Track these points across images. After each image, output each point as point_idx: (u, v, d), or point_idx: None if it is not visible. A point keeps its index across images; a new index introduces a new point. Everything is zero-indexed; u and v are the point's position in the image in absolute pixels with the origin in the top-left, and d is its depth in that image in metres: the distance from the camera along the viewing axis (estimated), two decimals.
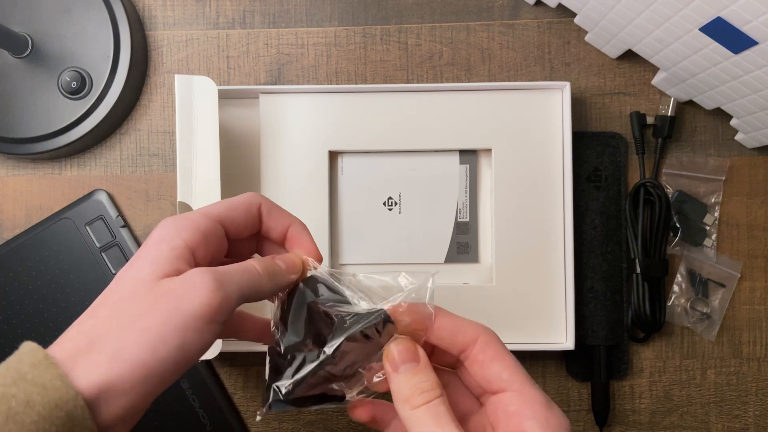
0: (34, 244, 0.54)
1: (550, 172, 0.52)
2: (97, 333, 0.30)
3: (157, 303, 0.30)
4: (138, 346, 0.30)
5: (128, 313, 0.31)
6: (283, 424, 0.55)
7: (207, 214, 0.34)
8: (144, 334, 0.30)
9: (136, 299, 0.31)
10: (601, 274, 0.54)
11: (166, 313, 0.30)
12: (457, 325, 0.34)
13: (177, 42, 0.57)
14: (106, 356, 0.30)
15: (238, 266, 0.33)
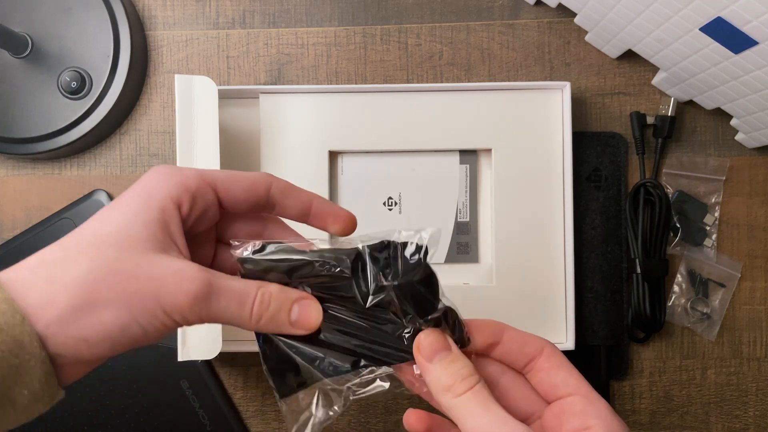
0: (34, 244, 0.54)
1: (550, 172, 0.52)
2: (63, 265, 0.29)
3: (142, 284, 0.29)
4: (97, 308, 0.28)
5: (106, 263, 0.29)
6: (283, 424, 0.55)
7: (204, 174, 0.33)
8: (113, 294, 0.29)
9: (121, 257, 0.29)
10: (601, 274, 0.54)
11: (141, 291, 0.29)
12: (524, 337, 0.34)
13: (177, 42, 0.57)
14: (62, 296, 0.28)
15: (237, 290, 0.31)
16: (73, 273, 0.28)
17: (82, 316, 0.28)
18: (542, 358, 0.34)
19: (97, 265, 0.29)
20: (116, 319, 0.29)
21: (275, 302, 0.32)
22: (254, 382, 0.55)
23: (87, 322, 0.28)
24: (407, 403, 0.55)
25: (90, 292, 0.28)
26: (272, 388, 0.34)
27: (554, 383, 0.33)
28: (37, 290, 0.28)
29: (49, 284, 0.28)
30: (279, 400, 0.34)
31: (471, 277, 0.54)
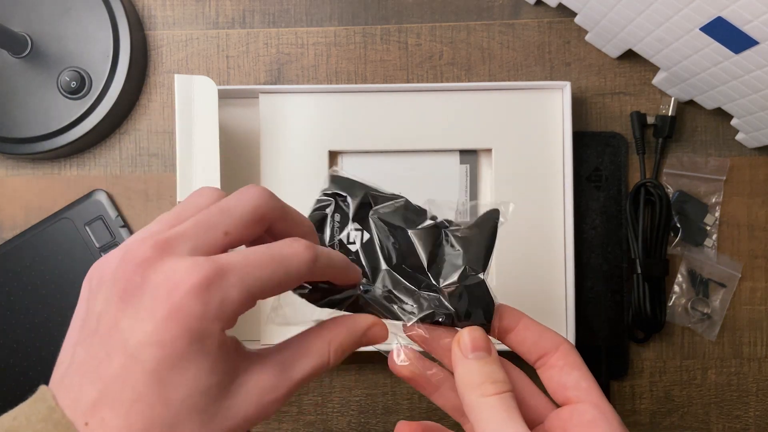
0: (34, 244, 0.54)
1: (550, 172, 0.52)
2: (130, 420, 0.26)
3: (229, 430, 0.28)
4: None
5: None
6: (282, 425, 0.55)
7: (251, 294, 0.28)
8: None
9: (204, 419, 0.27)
10: (602, 274, 0.53)
11: None
12: (540, 330, 0.34)
13: (177, 42, 0.57)
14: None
15: (313, 369, 0.30)
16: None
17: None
18: (557, 355, 0.33)
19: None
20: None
21: (348, 349, 0.32)
22: None
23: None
24: (407, 403, 0.55)
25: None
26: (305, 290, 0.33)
27: (565, 383, 0.32)
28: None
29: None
30: None
31: None
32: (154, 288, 0.26)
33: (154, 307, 0.26)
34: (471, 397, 0.31)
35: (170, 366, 0.26)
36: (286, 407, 0.55)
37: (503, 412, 0.30)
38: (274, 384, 0.29)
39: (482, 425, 0.30)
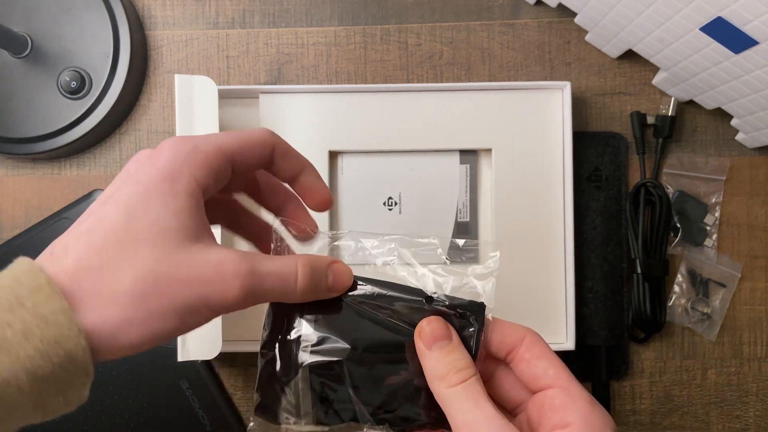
0: (34, 244, 0.54)
1: (550, 172, 0.52)
2: (109, 271, 0.28)
3: (187, 289, 0.29)
4: (152, 317, 0.28)
5: (147, 266, 0.28)
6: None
7: (222, 149, 0.32)
8: (161, 303, 0.28)
9: (159, 257, 0.29)
10: (602, 274, 0.53)
11: (188, 296, 0.29)
12: (504, 327, 0.34)
13: (177, 42, 0.57)
14: (118, 311, 0.28)
15: (278, 271, 0.31)
16: (121, 286, 0.28)
17: (133, 329, 0.28)
18: (523, 347, 0.33)
19: (142, 273, 0.28)
20: (166, 327, 0.29)
21: (314, 274, 0.32)
22: (254, 382, 0.55)
23: (138, 334, 0.28)
24: None
25: (140, 305, 0.28)
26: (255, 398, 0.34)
27: (535, 374, 0.33)
28: (88, 305, 0.27)
29: (98, 299, 0.28)
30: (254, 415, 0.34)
31: None
32: (141, 158, 0.32)
33: (138, 166, 0.31)
34: (439, 389, 0.32)
35: (139, 197, 0.29)
36: None
37: (468, 400, 0.31)
38: (235, 259, 0.30)
39: (452, 416, 0.31)
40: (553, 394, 0.32)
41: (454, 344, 0.33)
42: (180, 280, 0.29)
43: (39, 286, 0.26)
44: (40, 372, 0.25)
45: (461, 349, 0.33)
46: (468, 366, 0.32)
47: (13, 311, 0.25)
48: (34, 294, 0.26)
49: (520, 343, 0.34)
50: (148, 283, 0.28)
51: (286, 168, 0.35)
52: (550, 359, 0.33)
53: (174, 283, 0.29)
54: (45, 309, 0.26)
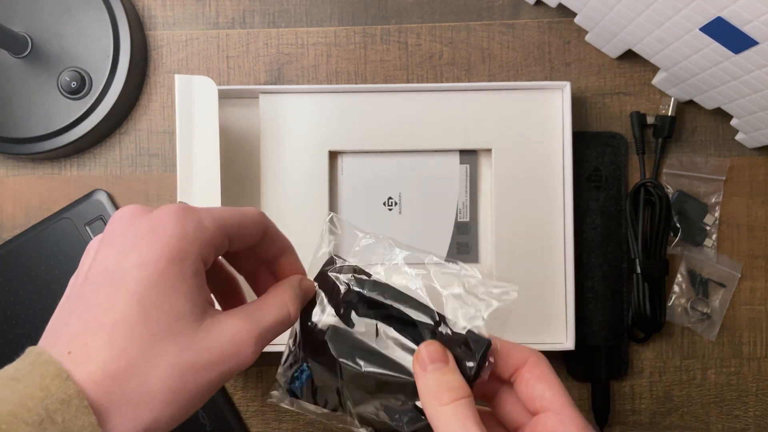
0: (34, 244, 0.54)
1: (550, 172, 0.52)
2: (135, 375, 0.28)
3: (204, 369, 0.29)
4: (181, 409, 0.29)
5: (172, 362, 0.29)
6: (282, 425, 0.55)
7: (223, 227, 0.32)
8: (188, 395, 0.29)
9: (181, 347, 0.29)
10: (602, 274, 0.54)
11: (213, 377, 0.30)
12: (509, 347, 0.34)
13: (177, 42, 0.57)
14: (149, 414, 0.28)
15: (277, 320, 0.33)
16: (150, 387, 0.28)
17: (164, 425, 0.28)
18: (526, 368, 0.34)
19: (168, 371, 0.28)
20: (191, 411, 0.29)
21: (299, 299, 0.35)
22: (254, 382, 0.55)
23: (167, 426, 0.29)
24: None
25: (170, 403, 0.28)
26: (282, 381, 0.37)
27: (533, 395, 0.33)
28: (118, 413, 0.27)
29: (129, 405, 0.27)
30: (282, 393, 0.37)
31: None
32: (140, 227, 0.30)
33: (138, 239, 0.29)
34: (429, 406, 0.32)
35: (151, 286, 0.28)
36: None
37: (459, 422, 0.31)
38: (245, 327, 0.31)
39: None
40: (545, 418, 0.33)
41: (450, 367, 0.33)
42: (204, 367, 0.29)
43: (69, 398, 0.26)
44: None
45: (456, 372, 0.33)
46: (461, 387, 0.32)
47: (44, 427, 0.25)
48: (64, 408, 0.25)
49: (524, 364, 0.34)
50: (176, 380, 0.28)
51: (271, 249, 0.36)
52: (548, 382, 0.33)
53: (199, 371, 0.29)
54: (74, 425, 0.25)
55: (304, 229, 0.52)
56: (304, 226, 0.52)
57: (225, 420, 0.53)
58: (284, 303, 0.34)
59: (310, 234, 0.52)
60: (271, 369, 0.55)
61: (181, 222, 0.30)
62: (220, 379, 0.30)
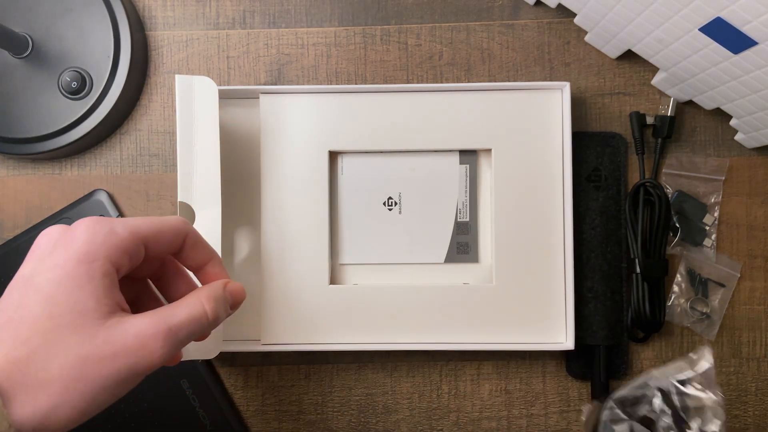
0: None
1: (550, 172, 0.52)
2: (36, 362, 0.30)
3: (106, 360, 0.31)
4: (81, 399, 0.30)
5: (72, 352, 0.30)
6: (283, 424, 0.55)
7: (136, 233, 0.34)
8: (89, 385, 0.30)
9: (82, 339, 0.31)
10: (601, 274, 0.54)
11: (114, 370, 0.31)
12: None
13: (177, 42, 0.57)
14: (47, 399, 0.29)
15: (190, 317, 0.34)
16: (48, 374, 0.30)
17: (62, 413, 0.30)
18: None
19: (66, 360, 0.30)
20: (95, 404, 0.31)
21: (218, 303, 0.37)
22: (254, 381, 0.55)
23: (66, 417, 0.30)
24: (407, 403, 0.55)
25: (68, 390, 0.30)
26: None
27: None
28: (18, 398, 0.29)
29: (28, 390, 0.29)
30: None
31: (471, 277, 0.54)
32: (57, 239, 0.33)
33: (54, 248, 0.32)
34: None
35: (58, 284, 0.31)
36: (286, 406, 0.55)
37: None
38: (152, 323, 0.33)
39: None
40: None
41: None
42: (104, 358, 0.31)
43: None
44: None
45: None
46: None
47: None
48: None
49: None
50: (75, 369, 0.30)
51: (193, 257, 0.38)
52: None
53: (99, 361, 0.31)
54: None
55: (304, 229, 0.53)
56: (304, 226, 0.53)
57: (225, 420, 0.53)
58: (199, 302, 0.35)
59: (310, 234, 0.52)
60: (271, 369, 0.55)
61: (91, 229, 0.33)
62: (130, 372, 0.31)
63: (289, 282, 0.52)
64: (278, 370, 0.55)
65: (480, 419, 0.55)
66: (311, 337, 0.52)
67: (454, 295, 0.52)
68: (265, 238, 0.52)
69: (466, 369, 0.55)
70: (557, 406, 0.55)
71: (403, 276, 0.54)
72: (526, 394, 0.55)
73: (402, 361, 0.55)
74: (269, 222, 0.52)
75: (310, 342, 0.52)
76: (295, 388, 0.55)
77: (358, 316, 0.52)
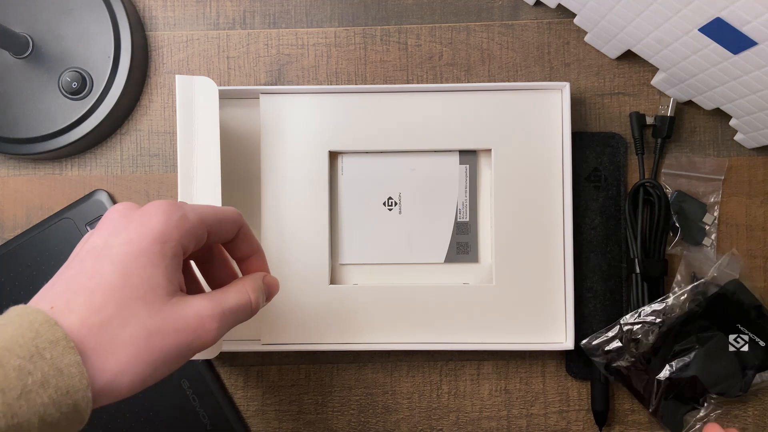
0: (35, 244, 0.54)
1: (549, 172, 0.52)
2: (109, 329, 0.32)
3: (170, 334, 0.33)
4: (144, 368, 0.32)
5: (141, 323, 0.32)
6: (283, 424, 0.55)
7: (204, 220, 0.37)
8: (153, 356, 0.33)
9: (151, 312, 0.33)
10: (601, 274, 0.54)
11: (175, 344, 0.34)
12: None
13: (177, 42, 0.57)
14: (115, 364, 0.31)
15: (238, 304, 0.37)
16: (119, 341, 0.32)
17: (127, 379, 0.32)
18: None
19: (137, 330, 0.32)
20: (154, 374, 0.33)
21: (260, 294, 0.39)
22: (254, 381, 0.55)
23: (129, 381, 0.32)
24: (407, 402, 0.55)
25: (135, 357, 0.32)
26: None
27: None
28: (90, 359, 0.31)
29: (99, 353, 0.31)
30: None
31: (471, 277, 0.54)
32: (130, 215, 0.35)
33: (128, 223, 0.34)
34: None
35: (133, 258, 0.33)
36: (286, 406, 0.55)
37: None
38: (209, 305, 0.35)
39: None
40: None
41: None
42: (169, 333, 0.33)
43: (56, 339, 0.29)
44: (48, 419, 0.28)
45: None
46: None
47: (34, 361, 0.28)
48: (53, 346, 0.29)
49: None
50: (143, 339, 0.32)
51: (242, 248, 0.41)
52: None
53: (165, 335, 0.33)
54: (61, 362, 0.29)
55: (304, 229, 0.53)
56: (304, 226, 0.53)
57: (225, 420, 0.53)
58: (246, 291, 0.38)
59: (310, 234, 0.52)
60: (270, 369, 0.55)
61: (167, 211, 0.35)
62: (187, 348, 0.34)
63: (290, 282, 0.52)
64: (278, 370, 0.55)
65: (480, 419, 0.55)
66: (311, 337, 0.52)
67: (454, 295, 0.52)
68: (265, 237, 0.52)
69: (465, 369, 0.55)
70: (557, 406, 0.55)
71: (403, 276, 0.54)
72: (525, 394, 0.55)
73: (402, 361, 0.55)
74: (269, 222, 0.52)
75: (310, 342, 0.52)
76: (295, 388, 0.55)
77: (358, 316, 0.52)
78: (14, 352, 0.28)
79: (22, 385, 0.28)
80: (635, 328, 0.51)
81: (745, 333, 0.52)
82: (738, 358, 0.52)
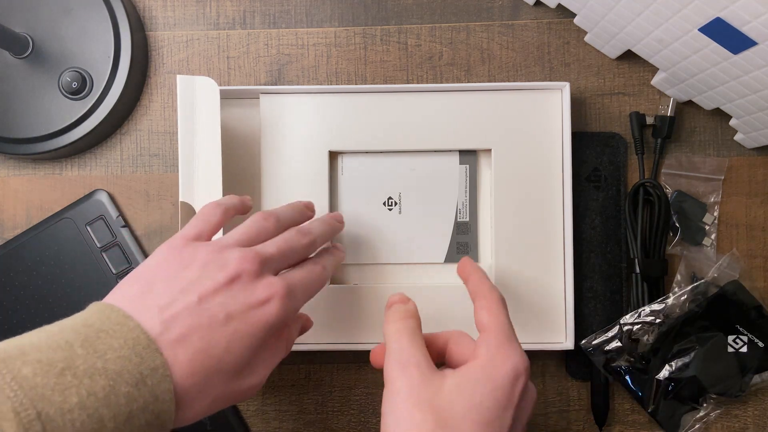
0: (35, 244, 0.54)
1: (549, 172, 0.52)
2: (203, 357, 0.34)
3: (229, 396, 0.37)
4: (208, 412, 0.36)
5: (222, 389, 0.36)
6: (283, 424, 0.55)
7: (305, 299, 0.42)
8: (217, 408, 0.37)
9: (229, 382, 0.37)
10: (601, 274, 0.54)
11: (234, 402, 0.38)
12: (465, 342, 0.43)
13: (177, 42, 0.57)
14: (198, 409, 0.35)
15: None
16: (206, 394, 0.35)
17: (192, 418, 0.35)
18: None
19: (218, 393, 0.36)
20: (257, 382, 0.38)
21: None
22: None
23: (192, 420, 0.35)
24: None
25: (207, 412, 0.36)
26: None
27: None
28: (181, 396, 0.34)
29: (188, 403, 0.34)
30: None
31: None
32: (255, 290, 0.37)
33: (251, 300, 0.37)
34: (384, 327, 0.41)
35: (240, 337, 0.36)
36: (286, 406, 0.55)
37: (405, 336, 0.39)
38: (277, 351, 0.40)
39: (387, 347, 0.39)
40: None
41: (408, 304, 0.43)
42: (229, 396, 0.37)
43: (156, 367, 0.32)
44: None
45: (411, 306, 0.43)
46: (409, 314, 0.42)
47: (139, 388, 0.31)
48: (153, 374, 0.32)
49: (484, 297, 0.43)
50: (218, 402, 0.36)
51: None
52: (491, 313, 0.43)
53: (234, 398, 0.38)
54: (159, 389, 0.32)
55: None
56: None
57: (225, 420, 0.53)
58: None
59: None
60: None
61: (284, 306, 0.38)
62: None
63: None
64: (278, 370, 0.55)
65: None
66: (311, 337, 0.52)
67: (454, 295, 0.52)
68: None
69: None
70: (557, 406, 0.55)
71: (403, 276, 0.54)
72: None
73: None
74: None
75: (310, 342, 0.52)
76: (295, 388, 0.55)
77: (358, 316, 0.52)
78: (123, 378, 0.31)
79: (129, 411, 0.31)
80: (635, 328, 0.51)
81: (744, 334, 0.52)
82: (737, 358, 0.52)
